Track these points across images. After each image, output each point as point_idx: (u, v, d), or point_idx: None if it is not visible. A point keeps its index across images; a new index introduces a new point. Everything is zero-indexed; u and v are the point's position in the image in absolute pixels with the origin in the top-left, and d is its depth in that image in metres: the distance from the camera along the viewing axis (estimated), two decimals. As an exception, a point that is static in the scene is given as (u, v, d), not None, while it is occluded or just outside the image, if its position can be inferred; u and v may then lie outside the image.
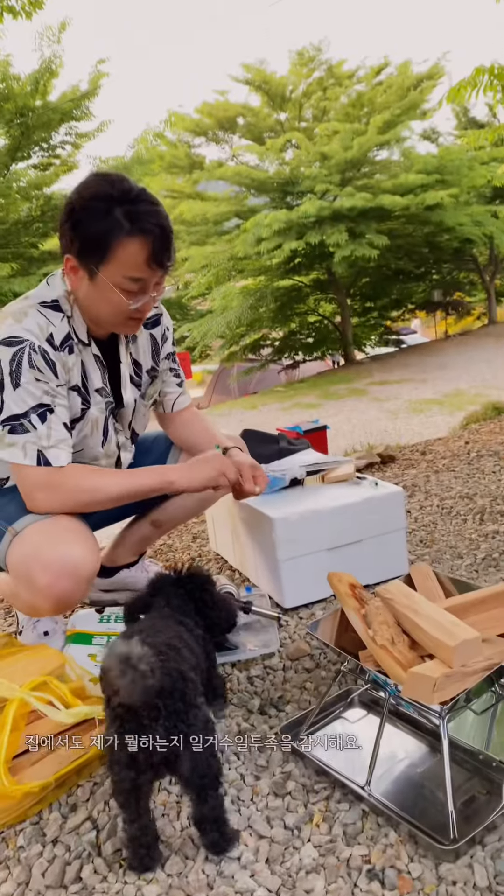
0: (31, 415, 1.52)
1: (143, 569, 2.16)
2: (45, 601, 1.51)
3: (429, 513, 2.72)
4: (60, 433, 1.56)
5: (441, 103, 5.29)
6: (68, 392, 1.61)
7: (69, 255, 1.53)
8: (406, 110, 13.21)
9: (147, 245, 1.48)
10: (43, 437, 1.53)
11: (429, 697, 1.10)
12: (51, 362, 1.54)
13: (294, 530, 1.95)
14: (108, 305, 1.56)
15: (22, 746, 1.34)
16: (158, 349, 1.85)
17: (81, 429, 1.68)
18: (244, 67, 14.25)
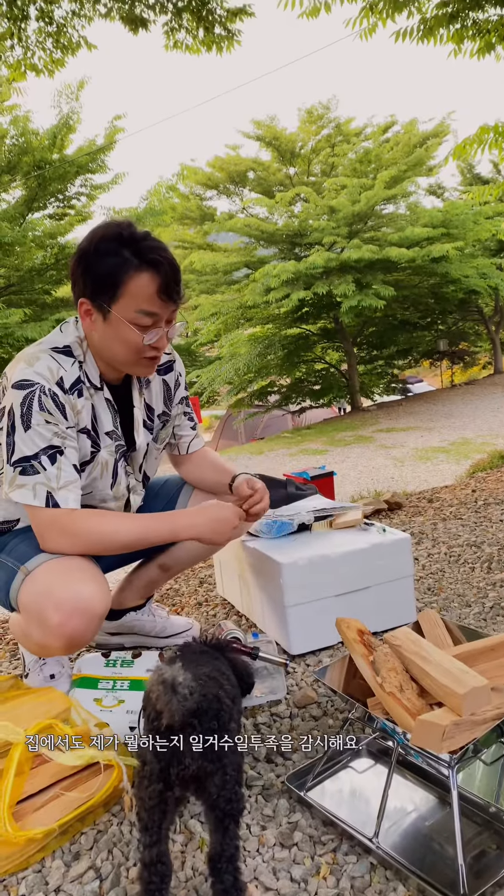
0: (41, 456, 1.54)
1: (149, 612, 2.15)
2: (57, 640, 1.51)
3: (436, 560, 2.71)
4: (70, 475, 1.58)
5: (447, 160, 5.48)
6: (78, 434, 1.64)
7: (83, 299, 1.58)
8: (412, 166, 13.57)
9: (156, 277, 1.53)
10: (52, 478, 1.55)
11: (437, 746, 1.09)
12: (60, 405, 1.57)
13: (302, 576, 1.95)
14: (123, 344, 1.59)
15: (26, 791, 1.33)
16: (171, 395, 1.89)
17: (91, 471, 1.70)
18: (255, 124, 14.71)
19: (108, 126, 11.09)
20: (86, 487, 1.69)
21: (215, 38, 5.48)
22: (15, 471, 1.55)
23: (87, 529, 1.58)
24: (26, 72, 5.65)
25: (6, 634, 2.49)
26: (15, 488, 1.55)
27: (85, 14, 5.32)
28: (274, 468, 7.96)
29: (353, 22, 4.77)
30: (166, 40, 5.51)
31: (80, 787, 1.38)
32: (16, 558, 1.63)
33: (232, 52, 5.70)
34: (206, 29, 5.41)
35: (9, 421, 1.56)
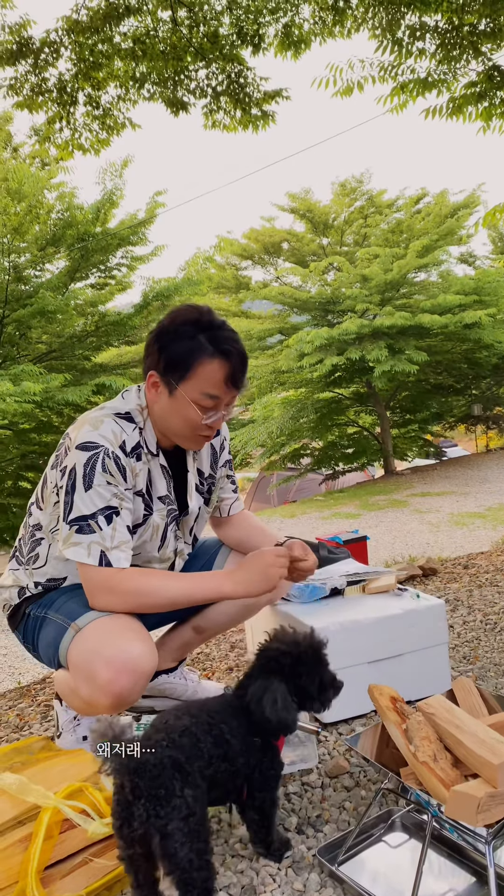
0: (98, 516, 1.59)
1: (181, 676, 2.14)
2: (105, 697, 1.51)
3: (472, 628, 2.66)
4: (123, 535, 1.62)
5: (477, 227, 5.57)
6: (133, 496, 1.69)
7: (153, 372, 1.66)
8: (444, 236, 13.85)
9: (226, 366, 1.62)
10: (107, 538, 1.59)
11: (472, 819, 1.06)
12: (122, 467, 1.63)
13: (334, 641, 1.93)
14: (183, 420, 1.67)
15: (55, 856, 1.32)
16: (217, 458, 1.95)
17: (142, 533, 1.75)
18: (290, 197, 15.23)
19: (149, 201, 11.57)
20: (135, 549, 1.73)
21: (252, 118, 5.76)
22: (71, 528, 1.60)
23: (135, 588, 1.61)
24: (73, 151, 5.99)
25: (38, 695, 2.50)
26: (70, 546, 1.60)
27: (130, 98, 5.65)
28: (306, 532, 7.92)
29: (384, 99, 4.99)
30: (205, 121, 5.80)
31: (108, 853, 1.36)
32: (65, 615, 1.65)
33: (267, 129, 5.98)
34: (243, 110, 5.69)
35: (70, 480, 1.62)
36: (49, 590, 1.79)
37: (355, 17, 4.74)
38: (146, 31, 4.98)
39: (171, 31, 4.99)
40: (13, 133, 11.62)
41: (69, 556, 1.60)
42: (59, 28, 4.87)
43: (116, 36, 4.98)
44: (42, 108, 5.33)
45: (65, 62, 5.07)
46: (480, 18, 4.53)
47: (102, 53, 5.01)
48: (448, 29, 4.57)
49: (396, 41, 4.67)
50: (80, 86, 5.22)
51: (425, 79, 4.80)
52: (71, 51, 5.00)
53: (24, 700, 2.47)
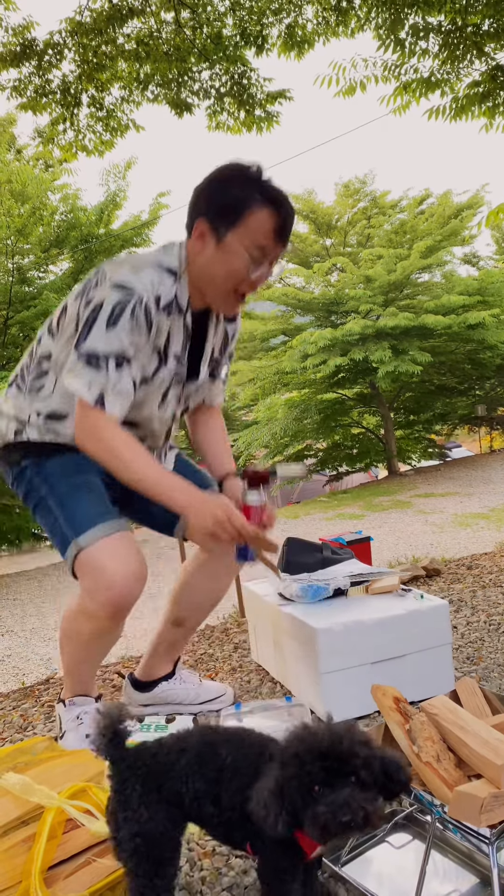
0: (110, 358, 1.57)
1: (180, 680, 2.14)
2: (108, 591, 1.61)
3: (476, 629, 2.66)
4: (126, 386, 1.60)
5: (480, 226, 5.56)
6: (151, 352, 1.67)
7: (201, 219, 1.63)
8: (447, 237, 13.84)
9: (275, 217, 1.61)
10: (111, 382, 1.58)
11: (476, 819, 1.06)
12: (150, 321, 1.61)
13: (337, 642, 1.94)
14: (227, 271, 1.64)
15: (58, 857, 1.32)
16: (227, 344, 1.95)
17: (149, 387, 1.73)
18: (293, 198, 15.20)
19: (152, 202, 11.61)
20: (138, 402, 1.71)
21: (255, 120, 5.77)
22: (80, 359, 1.58)
23: (114, 448, 1.59)
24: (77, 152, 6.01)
25: (42, 696, 2.50)
26: (73, 376, 1.59)
27: (133, 100, 5.66)
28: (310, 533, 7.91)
29: (387, 100, 4.99)
30: (209, 122, 5.81)
31: (112, 853, 1.36)
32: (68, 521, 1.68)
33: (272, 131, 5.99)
34: (246, 112, 5.70)
35: (94, 313, 1.58)
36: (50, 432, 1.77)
37: (358, 17, 4.74)
38: (149, 33, 4.99)
39: (175, 32, 5.00)
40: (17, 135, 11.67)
41: (68, 385, 1.59)
42: (63, 30, 4.89)
43: (120, 37, 4.99)
44: (46, 109, 5.34)
45: (68, 64, 5.09)
46: (484, 19, 4.52)
47: (106, 55, 5.02)
48: (451, 29, 4.57)
49: (399, 41, 4.67)
50: (84, 87, 5.24)
51: (428, 79, 4.79)
52: (74, 52, 5.02)
53: (27, 700, 2.47)
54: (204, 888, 1.31)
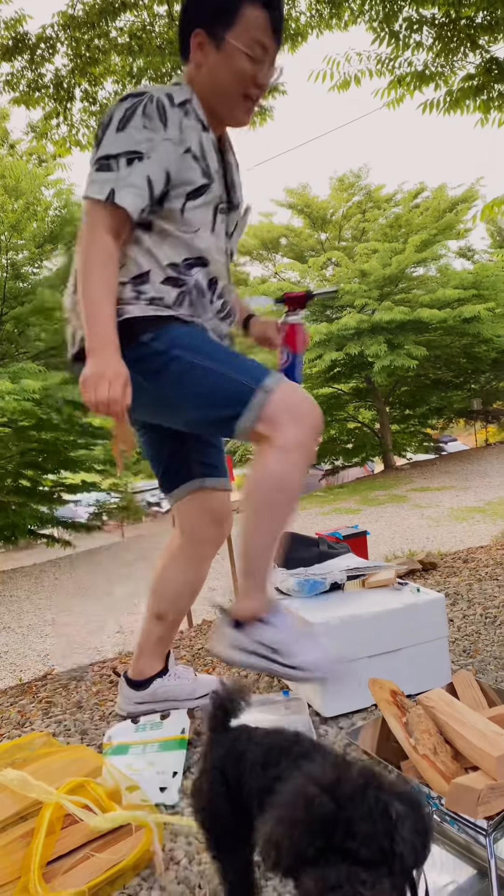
0: (121, 157, 1.54)
1: (175, 676, 2.12)
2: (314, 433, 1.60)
3: (472, 622, 2.66)
4: (137, 180, 1.54)
5: (475, 219, 5.56)
6: (183, 156, 1.60)
7: (198, 29, 1.62)
8: (442, 230, 13.84)
9: (269, 12, 1.61)
10: (121, 178, 1.53)
11: (473, 811, 1.06)
12: (164, 114, 1.56)
13: (334, 636, 1.94)
14: (233, 75, 1.63)
15: (57, 852, 1.32)
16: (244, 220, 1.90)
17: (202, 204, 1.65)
18: (287, 192, 15.21)
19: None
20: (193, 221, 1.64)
21: (249, 114, 5.74)
22: (92, 168, 1.55)
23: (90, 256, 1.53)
24: (70, 147, 5.99)
25: (39, 692, 2.50)
26: (87, 186, 1.55)
27: (127, 94, 5.64)
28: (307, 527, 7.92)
29: (381, 93, 4.98)
30: (202, 117, 5.79)
31: (110, 848, 1.36)
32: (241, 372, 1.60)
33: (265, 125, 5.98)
34: (240, 106, 5.68)
35: (104, 127, 1.56)
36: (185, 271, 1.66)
37: (352, 9, 4.73)
38: (142, 26, 4.97)
39: (168, 25, 4.97)
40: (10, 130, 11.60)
41: (87, 194, 1.54)
42: (55, 23, 4.86)
43: (112, 31, 4.97)
44: (39, 103, 5.32)
45: (61, 58, 5.06)
46: (477, 11, 4.51)
47: (99, 49, 5.00)
48: (445, 22, 4.56)
49: (393, 34, 4.65)
50: (77, 81, 5.21)
51: (422, 72, 4.78)
52: (67, 46, 4.99)
53: (25, 697, 2.48)
54: (202, 881, 1.31)
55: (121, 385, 1.49)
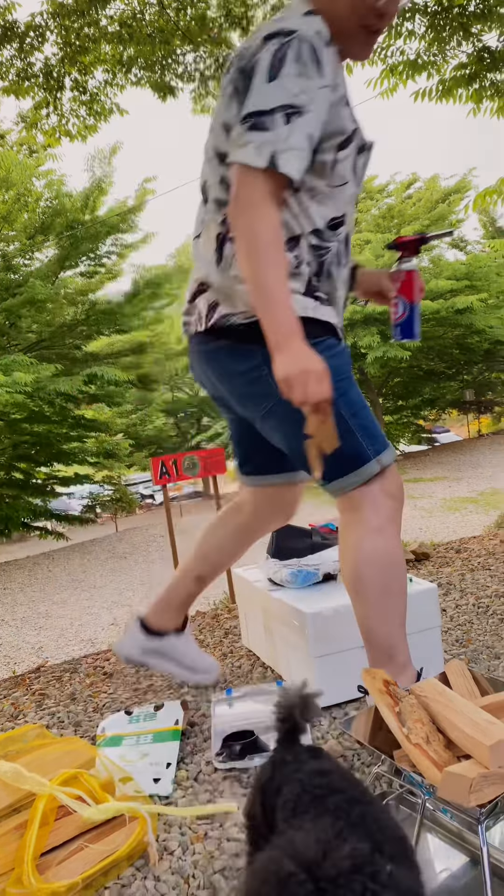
0: (277, 113, 1.34)
1: (188, 641, 2.11)
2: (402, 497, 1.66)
3: (464, 612, 2.67)
4: (300, 141, 1.36)
5: (467, 209, 5.55)
6: (337, 102, 1.44)
7: None
8: (435, 221, 13.82)
9: None
10: (281, 139, 1.34)
11: (465, 799, 1.07)
12: (318, 57, 1.37)
13: (328, 626, 1.94)
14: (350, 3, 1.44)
15: (50, 843, 1.32)
16: None
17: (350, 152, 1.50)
18: (280, 184, 15.13)
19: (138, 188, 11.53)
20: (342, 174, 1.50)
21: (241, 103, 5.72)
22: (243, 127, 1.35)
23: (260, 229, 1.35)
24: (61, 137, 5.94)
25: (33, 684, 2.50)
26: (236, 150, 1.36)
27: (117, 83, 5.60)
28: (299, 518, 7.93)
29: (374, 83, 4.95)
30: (193, 106, 5.76)
31: (104, 839, 1.36)
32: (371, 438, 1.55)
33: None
34: (232, 95, 5.65)
35: (245, 80, 1.40)
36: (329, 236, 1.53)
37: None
38: (132, 14, 4.93)
39: (158, 14, 4.93)
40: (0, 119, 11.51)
41: (237, 160, 1.35)
42: (45, 11, 4.82)
43: (103, 19, 4.92)
44: (28, 93, 5.27)
45: (51, 46, 5.02)
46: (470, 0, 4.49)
47: (88, 37, 4.95)
48: (438, 10, 4.53)
49: (386, 23, 4.62)
50: (67, 70, 5.17)
51: (415, 61, 4.76)
52: (57, 34, 4.94)
53: (18, 689, 2.47)
54: (196, 871, 1.32)
55: (327, 380, 1.39)
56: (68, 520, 12.86)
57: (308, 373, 1.36)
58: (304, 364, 1.36)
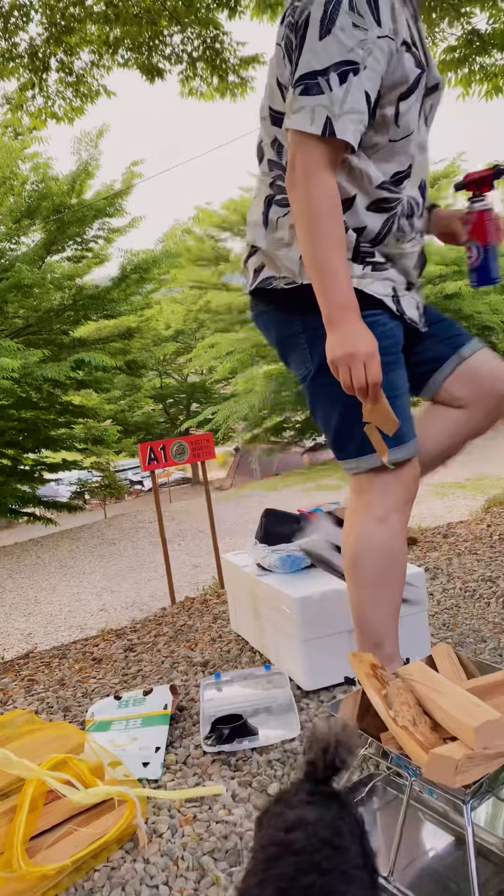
0: (331, 73, 1.25)
1: None
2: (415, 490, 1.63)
3: (451, 595, 2.69)
4: (358, 103, 1.28)
5: (456, 195, 5.54)
6: (398, 51, 1.31)
7: None
8: (424, 206, 13.76)
9: None
10: (337, 101, 1.26)
11: (451, 780, 1.08)
12: (373, 5, 1.26)
13: (315, 611, 1.95)
14: None
15: (40, 827, 1.33)
16: None
17: (414, 101, 1.38)
18: (269, 167, 15.03)
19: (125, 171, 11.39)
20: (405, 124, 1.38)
21: (229, 86, 5.66)
22: (296, 91, 1.28)
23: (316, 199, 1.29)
24: (47, 120, 5.86)
25: (21, 670, 2.50)
26: (290, 115, 1.29)
27: (104, 64, 5.52)
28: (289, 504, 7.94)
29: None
30: (181, 88, 5.69)
31: (93, 823, 1.37)
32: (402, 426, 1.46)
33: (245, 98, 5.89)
34: (219, 77, 5.59)
35: (300, 32, 1.28)
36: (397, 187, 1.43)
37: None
38: (119, -6, 4.85)
39: (145, -7, 4.86)
40: (-16, 101, 11.33)
41: (291, 125, 1.29)
42: (29, -10, 4.74)
43: (88, -1, 4.84)
44: (13, 74, 5.20)
45: (36, 26, 4.94)
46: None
47: (74, 17, 4.88)
48: (428, -9, 4.49)
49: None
50: (53, 51, 5.09)
51: (404, 44, 4.72)
52: (42, 14, 4.86)
53: (7, 675, 2.47)
54: (185, 853, 1.33)
55: (377, 363, 1.33)
56: (57, 506, 12.83)
57: (354, 356, 1.32)
58: (350, 346, 1.32)
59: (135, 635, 2.75)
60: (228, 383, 16.63)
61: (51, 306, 10.66)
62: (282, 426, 16.12)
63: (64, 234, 11.04)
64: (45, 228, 10.96)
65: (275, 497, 9.77)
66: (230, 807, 1.45)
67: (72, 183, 10.85)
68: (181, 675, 2.21)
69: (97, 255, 11.79)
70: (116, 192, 11.29)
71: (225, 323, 15.39)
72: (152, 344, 13.15)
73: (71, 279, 11.44)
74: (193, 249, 14.81)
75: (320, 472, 12.23)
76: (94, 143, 10.89)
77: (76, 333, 11.77)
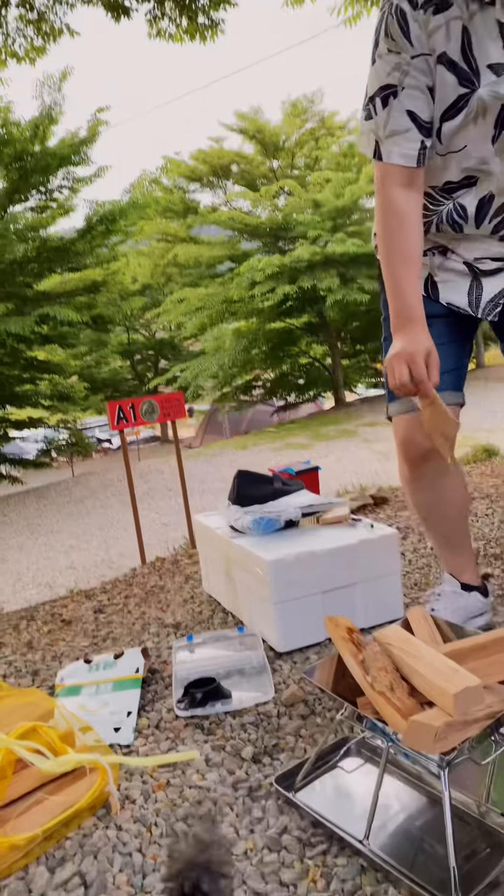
0: (376, 99, 1.36)
1: None
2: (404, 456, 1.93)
3: (423, 555, 2.70)
4: (399, 123, 1.36)
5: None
6: (435, 66, 1.34)
7: None
8: (396, 160, 13.56)
9: None
10: (381, 125, 1.37)
11: (430, 747, 1.07)
12: (405, 27, 1.30)
13: (289, 572, 1.93)
14: None
15: (9, 796, 1.30)
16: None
17: (465, 118, 1.37)
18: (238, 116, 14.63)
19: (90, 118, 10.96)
20: (455, 142, 1.41)
21: (199, 27, 5.44)
22: (362, 114, 1.41)
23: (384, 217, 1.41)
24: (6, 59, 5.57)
25: (-12, 633, 2.45)
26: (360, 136, 1.43)
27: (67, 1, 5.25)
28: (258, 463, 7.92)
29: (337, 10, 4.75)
30: (149, 28, 5.45)
31: (64, 790, 1.35)
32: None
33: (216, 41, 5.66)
34: (189, 18, 5.36)
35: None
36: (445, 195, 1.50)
37: None
38: None
39: None
40: None
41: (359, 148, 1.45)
42: None
43: None
44: (-31, 8, 4.91)
45: (-7, -44, 4.65)
46: None
47: None
48: None
49: None
50: (11, -16, 4.82)
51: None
52: None
53: (-27, 638, 2.43)
54: (158, 819, 1.31)
55: (423, 362, 1.40)
56: (23, 464, 12.65)
57: (399, 356, 1.41)
58: (399, 347, 1.41)
59: (105, 596, 2.71)
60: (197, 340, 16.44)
61: (14, 258, 10.31)
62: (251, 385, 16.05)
63: (27, 182, 10.64)
64: (6, 176, 10.55)
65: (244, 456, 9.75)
66: (204, 771, 1.44)
67: (34, 129, 10.41)
68: (153, 636, 2.18)
69: (62, 206, 11.40)
70: (81, 139, 10.88)
71: (193, 277, 15.12)
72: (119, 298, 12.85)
73: (35, 230, 11.07)
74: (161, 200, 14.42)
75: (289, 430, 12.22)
76: (58, 86, 10.44)
77: (40, 287, 11.44)
